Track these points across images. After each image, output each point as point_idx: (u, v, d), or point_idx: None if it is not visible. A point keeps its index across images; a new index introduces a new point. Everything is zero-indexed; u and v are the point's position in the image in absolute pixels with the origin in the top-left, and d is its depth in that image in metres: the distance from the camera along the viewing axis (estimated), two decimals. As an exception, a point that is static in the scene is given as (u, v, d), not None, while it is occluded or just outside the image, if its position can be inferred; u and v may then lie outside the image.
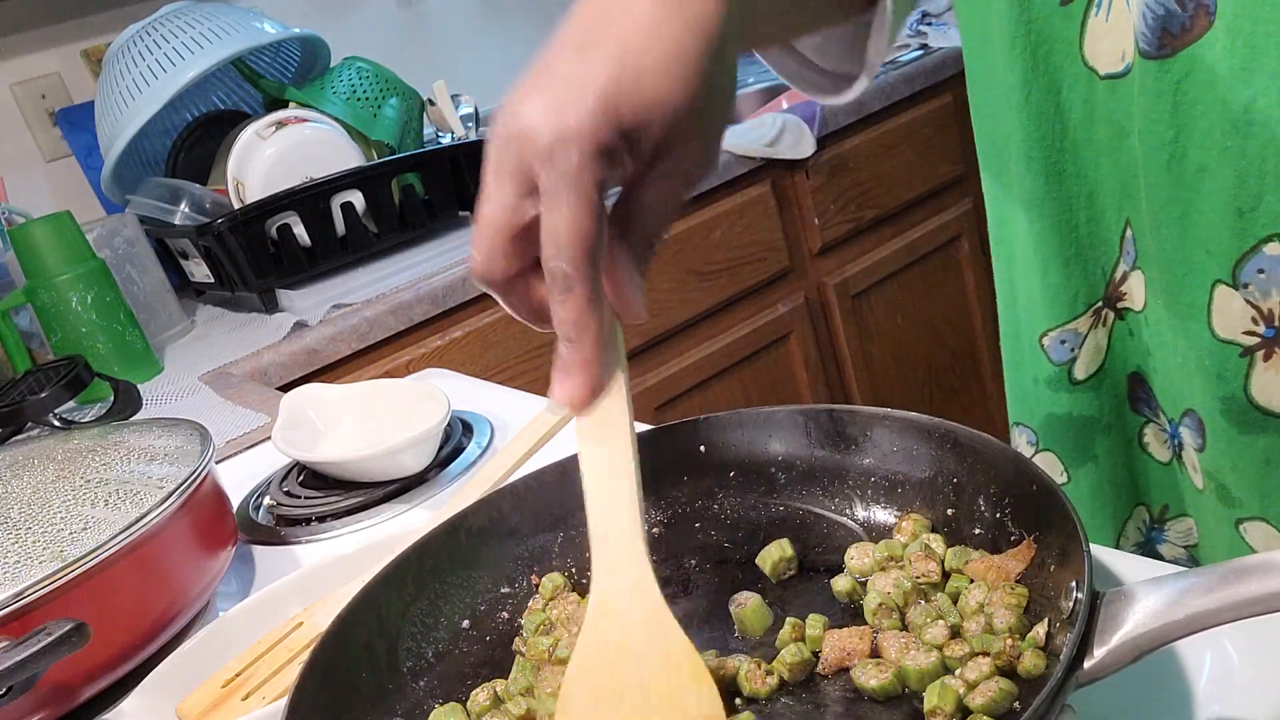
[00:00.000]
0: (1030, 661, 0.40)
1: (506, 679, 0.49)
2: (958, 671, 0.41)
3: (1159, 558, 0.64)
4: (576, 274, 0.39)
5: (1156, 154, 0.51)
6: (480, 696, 0.48)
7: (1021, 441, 0.69)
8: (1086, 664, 0.36)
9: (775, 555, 0.52)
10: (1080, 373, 0.62)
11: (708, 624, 0.50)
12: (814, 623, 0.47)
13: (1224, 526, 0.58)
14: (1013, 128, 0.59)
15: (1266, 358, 0.50)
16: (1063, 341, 0.62)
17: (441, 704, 0.48)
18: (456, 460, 0.84)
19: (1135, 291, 0.57)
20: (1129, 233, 0.56)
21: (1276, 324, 0.50)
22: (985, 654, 0.41)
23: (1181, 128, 0.49)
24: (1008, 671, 0.41)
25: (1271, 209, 0.47)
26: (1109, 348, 0.60)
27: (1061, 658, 0.35)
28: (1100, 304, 0.60)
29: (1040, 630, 0.41)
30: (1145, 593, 0.36)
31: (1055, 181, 0.58)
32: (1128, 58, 0.51)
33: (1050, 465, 0.67)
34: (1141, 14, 0.48)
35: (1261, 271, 0.49)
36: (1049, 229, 0.59)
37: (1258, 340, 0.50)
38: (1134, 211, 0.55)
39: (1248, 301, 0.50)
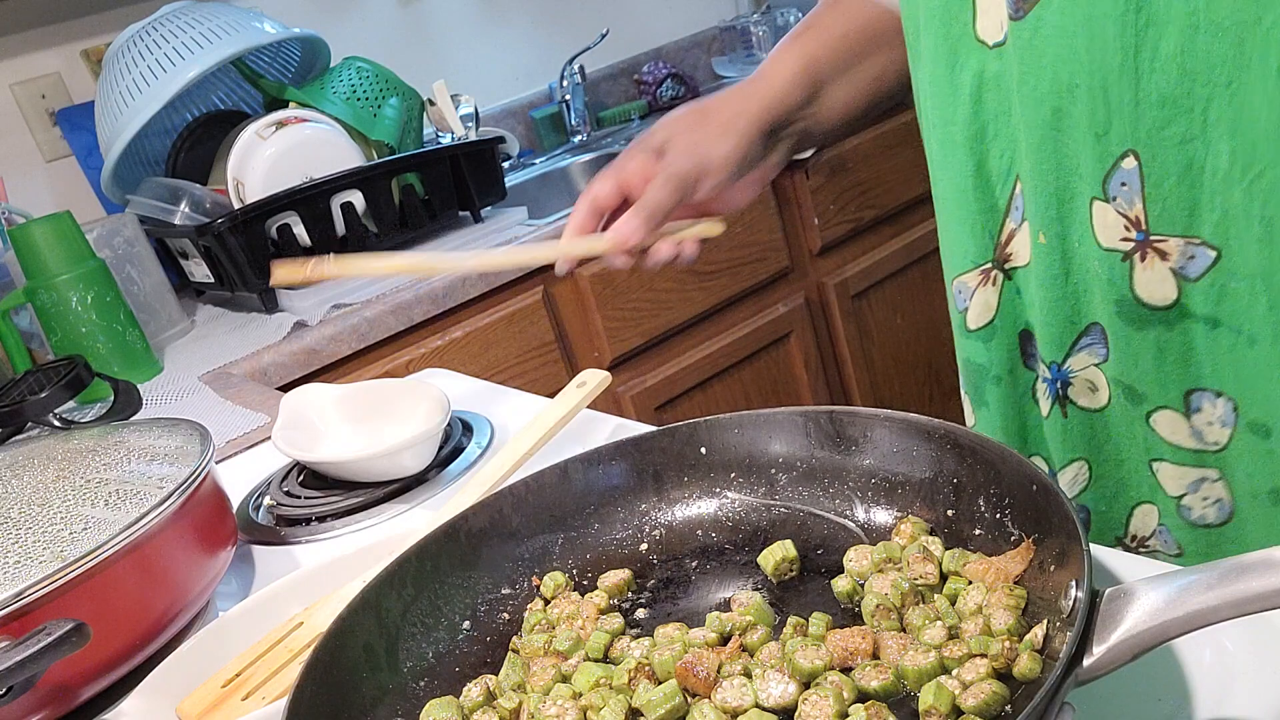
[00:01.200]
0: (1026, 665, 0.40)
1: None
2: (955, 672, 0.42)
3: None
4: (655, 214, 0.74)
5: (1030, 103, 0.59)
6: (473, 691, 0.48)
7: (961, 386, 0.78)
8: (1086, 662, 0.36)
9: (777, 555, 0.52)
10: (971, 323, 0.71)
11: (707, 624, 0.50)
12: (817, 622, 0.47)
13: (1136, 430, 0.64)
14: (921, 103, 0.69)
15: (1142, 258, 0.58)
16: (959, 291, 0.71)
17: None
18: (456, 460, 0.84)
19: (1021, 248, 0.65)
20: (1017, 188, 0.64)
21: (1143, 227, 0.57)
22: (983, 655, 0.41)
23: (1040, 75, 0.58)
24: (1005, 673, 0.41)
25: (1120, 130, 0.56)
26: (998, 305, 0.69)
27: (1061, 655, 0.35)
28: (989, 264, 0.68)
29: (1038, 632, 0.41)
30: (1144, 591, 0.36)
31: (949, 150, 0.66)
32: (1005, 26, 0.59)
33: (966, 407, 0.76)
34: None
35: (1124, 184, 0.57)
36: (945, 193, 0.69)
37: (1132, 244, 0.58)
38: (1022, 169, 0.63)
39: (1118, 213, 0.58)
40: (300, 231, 1.52)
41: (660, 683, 0.45)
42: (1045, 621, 0.41)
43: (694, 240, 0.77)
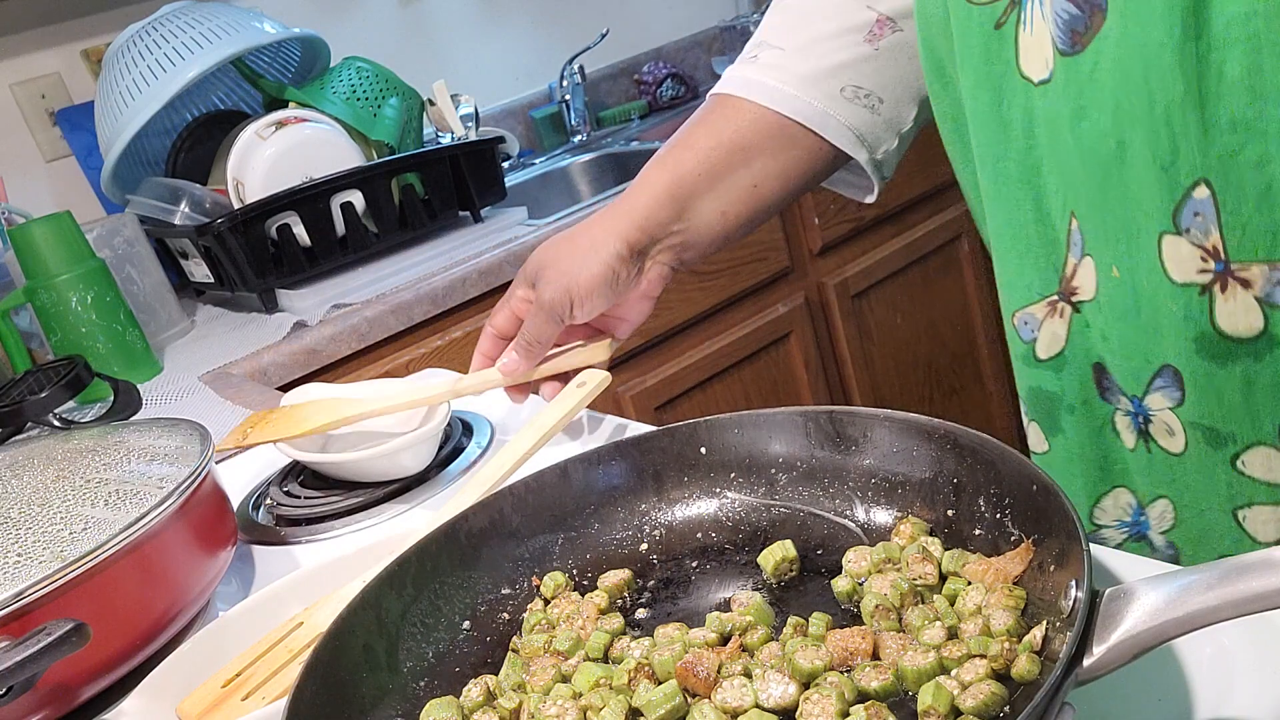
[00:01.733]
0: (1024, 666, 0.40)
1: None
2: (954, 672, 0.42)
3: (1148, 542, 0.68)
4: (534, 346, 0.79)
5: (1088, 139, 0.58)
6: (473, 692, 0.48)
7: (1023, 412, 0.75)
8: (1086, 662, 0.36)
9: (778, 555, 0.52)
10: (1041, 354, 0.68)
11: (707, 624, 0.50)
12: (817, 622, 0.47)
13: (1219, 477, 0.61)
14: (970, 138, 0.67)
15: (1223, 289, 0.56)
16: (1025, 323, 0.68)
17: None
18: (456, 460, 0.84)
19: (1086, 281, 0.63)
20: (1074, 224, 0.62)
21: (1222, 257, 0.55)
22: (982, 656, 0.41)
23: (1100, 109, 0.56)
24: (1004, 674, 0.41)
25: (1189, 159, 0.54)
26: (1068, 337, 0.66)
27: (1061, 655, 0.35)
28: (1055, 297, 0.66)
29: (1037, 634, 0.41)
30: (1145, 590, 0.36)
31: (1003, 185, 0.65)
32: (1051, 63, 0.58)
33: (1035, 434, 0.73)
34: (1054, 20, 0.57)
35: (1197, 214, 0.55)
36: (1002, 226, 0.66)
37: (1211, 276, 0.56)
38: (1077, 203, 0.61)
39: (1193, 244, 0.56)
40: (300, 231, 1.52)
41: (660, 683, 0.45)
42: (1044, 623, 0.41)
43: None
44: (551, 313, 0.77)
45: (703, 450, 0.59)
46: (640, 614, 0.53)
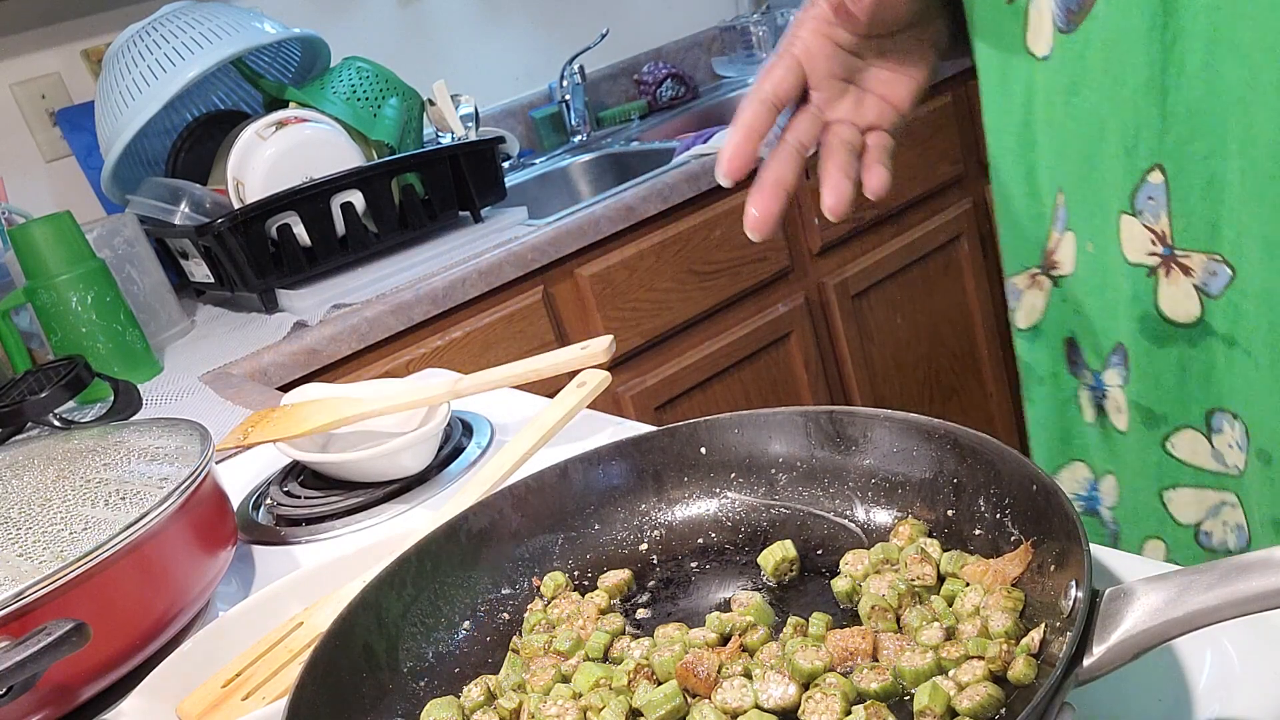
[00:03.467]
0: (1021, 670, 0.40)
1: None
2: (951, 673, 0.42)
3: (1099, 520, 0.71)
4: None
5: (1077, 115, 0.60)
6: (474, 692, 0.48)
7: None
8: (1086, 662, 0.36)
9: (778, 556, 0.52)
10: (1020, 323, 0.71)
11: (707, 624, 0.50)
12: (817, 622, 0.47)
13: (1150, 457, 0.64)
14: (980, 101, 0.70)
15: (1167, 273, 0.58)
16: (1011, 292, 0.71)
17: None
18: (456, 460, 0.84)
19: (1065, 256, 0.66)
20: (1060, 199, 0.64)
21: (1169, 242, 0.58)
22: (980, 657, 0.41)
23: (1089, 88, 0.58)
24: (1002, 676, 0.41)
25: (1148, 144, 0.56)
26: (1045, 310, 0.69)
27: (1061, 655, 0.35)
28: (1037, 270, 0.68)
29: (1035, 636, 0.41)
30: (1145, 590, 0.36)
31: (1001, 157, 0.67)
32: (1051, 40, 0.60)
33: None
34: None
35: (1151, 198, 0.57)
36: (999, 197, 0.70)
37: (1158, 259, 0.58)
38: (1065, 178, 0.63)
39: (1145, 226, 0.58)
40: (300, 231, 1.52)
41: (660, 683, 0.45)
42: (1043, 625, 0.41)
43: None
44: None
45: (703, 450, 0.59)
46: (640, 614, 0.53)
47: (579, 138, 2.24)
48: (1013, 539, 0.47)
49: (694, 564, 0.56)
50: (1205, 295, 0.57)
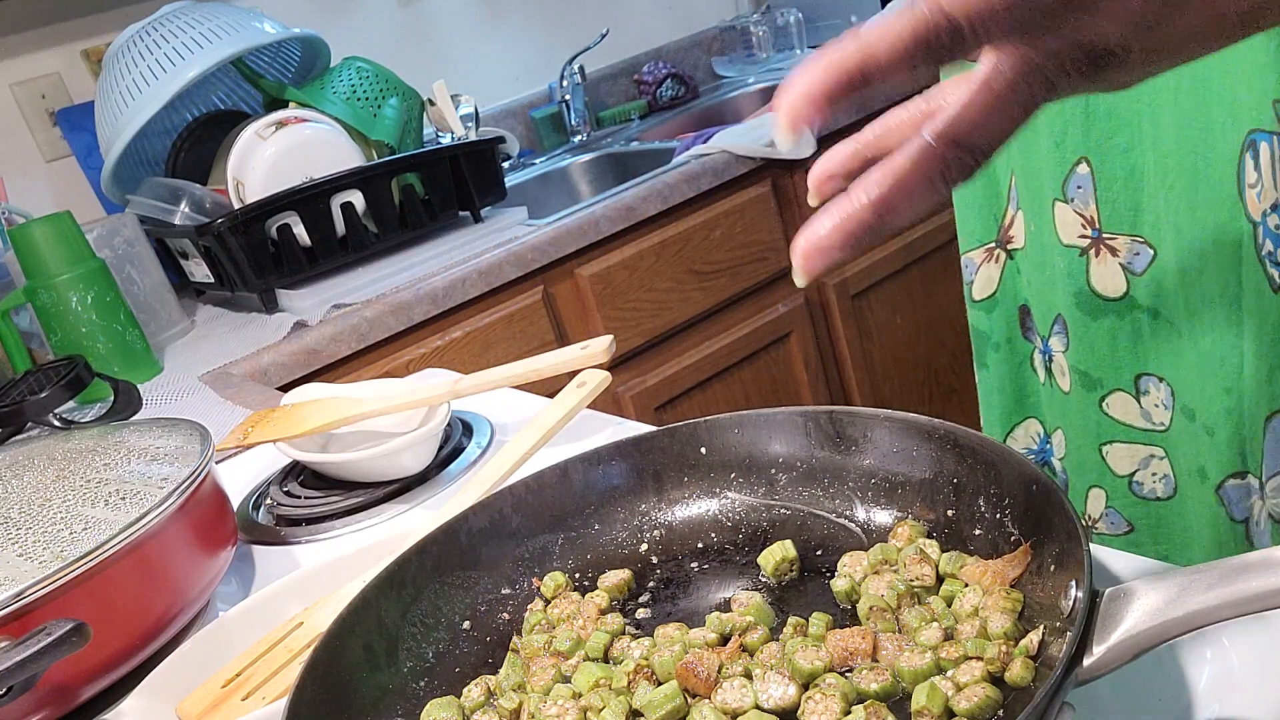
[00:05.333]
0: (1018, 672, 0.40)
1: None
2: (950, 673, 0.41)
3: (1051, 470, 0.78)
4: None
5: None
6: (474, 692, 0.48)
7: None
8: (1086, 661, 0.36)
9: (777, 556, 0.52)
10: (976, 294, 0.77)
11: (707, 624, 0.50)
12: (817, 622, 0.47)
13: (1090, 415, 0.70)
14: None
15: (1097, 254, 0.65)
16: (967, 265, 0.77)
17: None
18: (456, 460, 0.84)
19: (1019, 232, 0.72)
20: (1014, 180, 0.70)
21: (1097, 226, 0.64)
22: (978, 658, 0.41)
23: None
24: (999, 677, 0.41)
25: (1074, 138, 0.62)
26: (1001, 280, 0.75)
27: (1061, 655, 0.35)
28: (993, 244, 0.75)
29: (1034, 638, 0.41)
30: (1145, 590, 0.36)
31: None
32: None
33: (972, 365, 0.83)
34: None
35: (1079, 187, 0.63)
36: None
37: (1089, 241, 0.65)
38: (1015, 163, 0.69)
39: (1076, 212, 0.64)
40: (300, 231, 1.52)
41: (660, 683, 0.45)
42: (1041, 627, 0.41)
43: None
44: None
45: (703, 450, 0.59)
46: (640, 614, 0.53)
47: (579, 138, 2.24)
48: (1013, 539, 0.47)
49: (694, 564, 0.56)
50: (1130, 273, 0.64)
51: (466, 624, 0.54)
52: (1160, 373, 0.66)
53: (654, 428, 0.61)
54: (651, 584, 0.55)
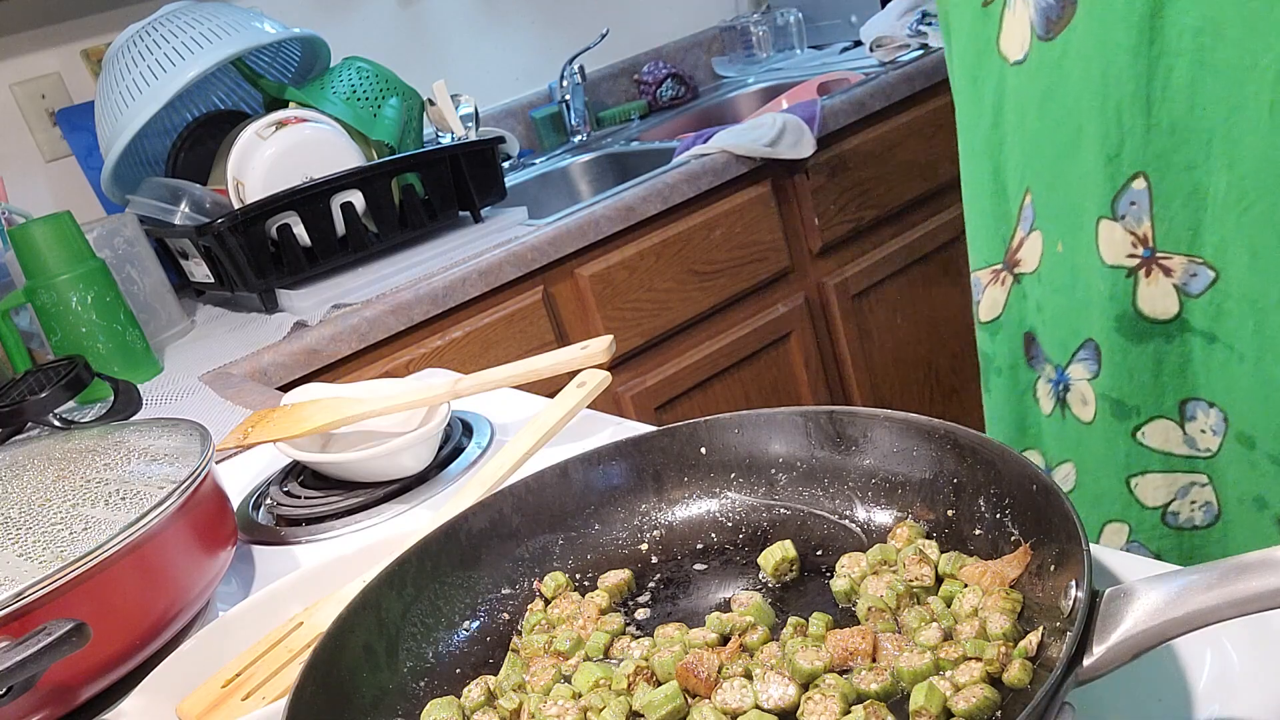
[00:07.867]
0: (1016, 673, 0.40)
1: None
2: (948, 674, 0.41)
3: None
4: None
5: (1051, 121, 0.63)
6: (474, 692, 0.48)
7: None
8: (1086, 661, 0.36)
9: (777, 556, 0.52)
10: (983, 315, 0.75)
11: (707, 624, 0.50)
12: (817, 622, 0.47)
13: (1117, 446, 0.68)
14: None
15: (1147, 274, 0.62)
16: (975, 284, 0.76)
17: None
18: (456, 460, 0.84)
19: (1030, 255, 0.69)
20: (1028, 199, 0.68)
21: (1150, 245, 0.61)
22: (977, 659, 0.41)
23: (1065, 95, 0.61)
24: (998, 678, 0.41)
25: (1131, 153, 0.60)
26: (1006, 304, 0.73)
27: (1061, 655, 0.35)
28: (1000, 266, 0.73)
29: (1033, 639, 0.41)
30: (1145, 590, 0.36)
31: (969, 156, 0.71)
32: (1027, 45, 0.63)
33: (971, 366, 0.82)
34: (1035, 5, 0.61)
35: (1133, 203, 0.61)
36: (967, 194, 0.73)
37: (1138, 261, 0.62)
38: (1035, 180, 0.66)
39: (1126, 230, 0.62)
40: (300, 231, 1.52)
41: (660, 683, 0.45)
42: (1040, 629, 0.41)
43: None
44: None
45: (703, 450, 0.59)
46: (640, 614, 0.53)
47: (579, 138, 2.24)
48: (1013, 539, 0.47)
49: (694, 564, 0.56)
50: (1185, 294, 0.61)
51: (466, 624, 0.54)
52: (1211, 398, 0.63)
53: (654, 428, 0.61)
54: (651, 584, 0.55)
